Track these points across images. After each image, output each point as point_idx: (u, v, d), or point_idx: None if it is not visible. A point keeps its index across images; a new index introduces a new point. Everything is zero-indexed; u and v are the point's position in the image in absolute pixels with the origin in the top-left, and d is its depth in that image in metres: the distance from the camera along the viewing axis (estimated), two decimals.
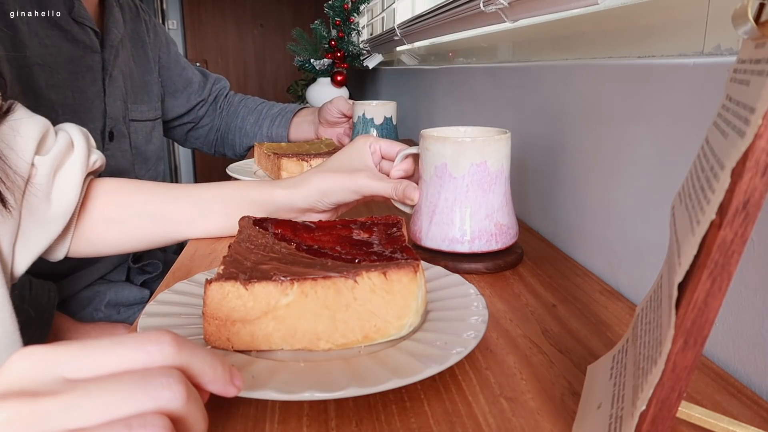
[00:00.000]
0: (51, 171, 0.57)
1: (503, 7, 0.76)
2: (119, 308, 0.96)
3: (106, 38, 0.96)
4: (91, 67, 0.93)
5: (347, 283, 0.38)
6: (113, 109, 0.97)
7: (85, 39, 0.92)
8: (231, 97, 1.35)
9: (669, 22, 0.51)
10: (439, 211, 0.57)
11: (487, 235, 0.56)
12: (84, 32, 0.92)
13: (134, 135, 1.05)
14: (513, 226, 0.59)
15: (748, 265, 0.38)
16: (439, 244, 0.57)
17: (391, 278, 0.38)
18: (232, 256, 0.43)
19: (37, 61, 0.86)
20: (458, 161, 0.55)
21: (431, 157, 0.57)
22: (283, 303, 0.38)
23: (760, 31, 0.22)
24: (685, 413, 0.33)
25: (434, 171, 0.57)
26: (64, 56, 0.89)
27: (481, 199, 0.56)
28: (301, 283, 0.38)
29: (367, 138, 0.66)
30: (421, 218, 0.59)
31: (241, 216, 0.52)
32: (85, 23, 0.91)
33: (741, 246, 0.21)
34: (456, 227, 0.56)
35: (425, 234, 0.58)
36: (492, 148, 0.55)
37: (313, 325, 0.39)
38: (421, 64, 1.62)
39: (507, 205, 0.58)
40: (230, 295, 0.38)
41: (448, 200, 0.56)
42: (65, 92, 0.89)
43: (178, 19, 3.59)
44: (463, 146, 0.55)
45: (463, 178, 0.55)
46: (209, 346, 0.39)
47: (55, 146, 0.58)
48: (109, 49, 0.96)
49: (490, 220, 0.56)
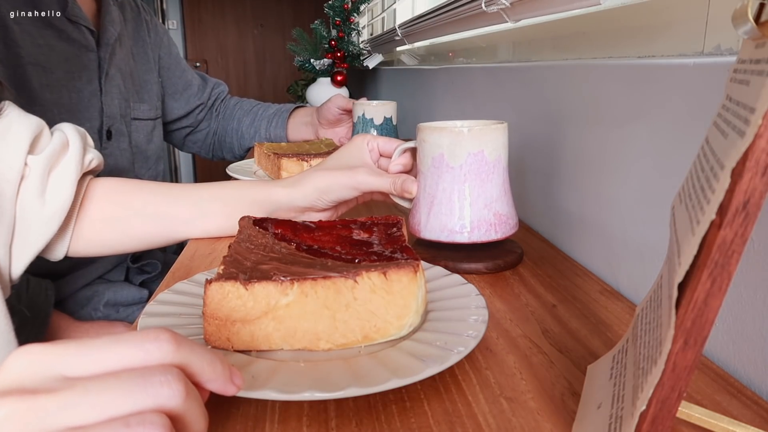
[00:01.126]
0: (45, 171, 0.57)
1: (505, 7, 0.76)
2: (118, 308, 0.96)
3: (102, 37, 0.96)
4: (86, 65, 0.93)
5: (347, 283, 0.38)
6: (111, 108, 0.97)
7: (80, 38, 0.91)
8: (227, 101, 1.35)
9: (669, 22, 0.51)
10: (438, 202, 0.57)
11: (486, 224, 0.56)
12: (79, 31, 0.91)
13: (135, 134, 1.04)
14: (512, 216, 0.59)
15: (748, 265, 0.38)
16: (438, 236, 0.57)
17: (391, 278, 0.38)
18: (232, 256, 0.43)
19: (31, 60, 0.85)
20: (455, 151, 0.55)
21: (428, 149, 0.57)
22: (283, 303, 0.38)
23: (760, 31, 0.22)
24: (685, 413, 0.33)
25: (431, 162, 0.57)
26: (58, 55, 0.89)
27: (480, 188, 0.56)
28: (301, 283, 0.38)
29: (364, 136, 0.66)
30: (420, 210, 0.59)
31: (241, 216, 0.52)
32: (79, 22, 0.91)
33: (741, 246, 0.21)
34: (455, 218, 0.56)
35: (424, 226, 0.58)
36: (489, 137, 0.55)
37: (313, 325, 0.39)
38: (421, 64, 1.62)
39: (506, 195, 0.58)
40: (230, 295, 0.38)
41: (446, 191, 0.56)
42: (60, 92, 0.89)
43: (178, 19, 3.59)
44: (460, 136, 0.55)
45: (460, 167, 0.55)
46: (209, 346, 0.39)
47: (50, 146, 0.58)
48: (105, 47, 0.96)
49: (488, 209, 0.56)
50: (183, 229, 0.66)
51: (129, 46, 1.07)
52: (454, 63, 1.28)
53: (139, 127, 1.05)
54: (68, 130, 0.61)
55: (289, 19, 3.67)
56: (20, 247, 0.56)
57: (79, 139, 0.61)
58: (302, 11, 3.66)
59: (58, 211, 0.58)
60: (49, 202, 0.57)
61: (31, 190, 0.56)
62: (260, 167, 1.03)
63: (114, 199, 0.65)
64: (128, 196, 0.65)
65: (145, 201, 0.65)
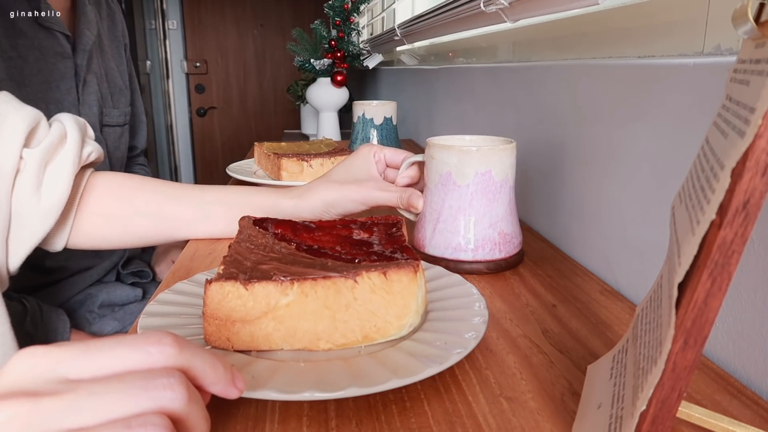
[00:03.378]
0: (41, 164, 0.56)
1: (503, 7, 0.76)
2: (113, 308, 0.95)
3: (79, 42, 0.89)
4: (63, 74, 0.87)
5: (347, 283, 0.38)
6: (88, 116, 0.91)
7: (54, 45, 0.85)
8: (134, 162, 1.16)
9: (669, 22, 0.51)
10: (443, 219, 0.57)
11: (490, 243, 0.56)
12: (53, 38, 0.85)
13: (107, 141, 0.98)
14: (517, 235, 0.59)
15: (748, 265, 0.38)
16: (442, 252, 0.57)
17: (391, 278, 0.38)
18: (232, 256, 0.43)
19: (2, 77, 0.79)
20: (463, 170, 0.55)
21: (436, 165, 0.57)
22: (283, 303, 0.38)
23: (760, 31, 0.22)
24: (685, 413, 0.33)
25: (439, 179, 0.57)
26: (31, 68, 0.82)
27: (485, 207, 0.56)
28: (301, 283, 0.38)
29: (371, 147, 0.66)
30: (425, 226, 0.59)
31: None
32: (53, 28, 0.84)
33: (741, 246, 0.21)
34: (460, 235, 0.56)
35: (429, 241, 0.58)
36: (497, 157, 0.55)
37: (313, 325, 0.39)
38: (421, 64, 1.62)
39: (511, 214, 0.58)
40: (230, 295, 0.38)
41: (452, 208, 0.56)
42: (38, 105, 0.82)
43: (178, 19, 3.59)
44: (468, 155, 0.55)
45: (467, 186, 0.55)
46: (209, 345, 0.39)
47: (47, 139, 0.57)
48: (82, 53, 0.89)
49: (493, 229, 0.56)
50: (185, 230, 0.66)
51: (106, 45, 1.00)
52: (454, 63, 1.28)
53: (109, 133, 0.99)
54: (67, 122, 0.60)
55: (289, 19, 3.67)
56: (17, 241, 0.55)
57: (78, 132, 0.60)
58: (302, 11, 3.65)
59: (55, 206, 0.57)
60: (45, 196, 0.57)
61: (27, 184, 0.55)
62: (260, 167, 1.03)
63: (116, 194, 0.64)
64: (131, 193, 0.65)
65: (148, 199, 0.65)
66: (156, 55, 3.53)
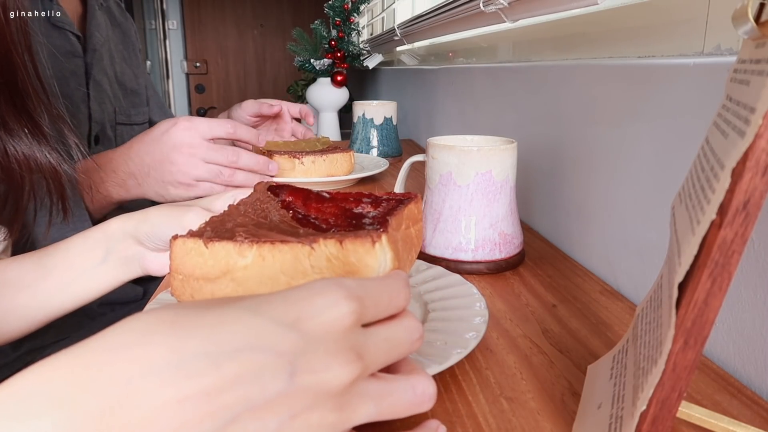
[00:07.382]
0: None
1: (503, 7, 0.76)
2: (113, 306, 0.95)
3: (89, 42, 0.95)
4: (74, 72, 0.92)
5: (303, 249, 0.36)
6: (98, 114, 0.96)
7: (66, 44, 0.91)
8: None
9: (669, 22, 0.51)
10: (444, 219, 0.57)
11: (491, 244, 0.56)
12: (64, 37, 0.90)
13: (119, 139, 1.02)
14: (517, 235, 0.59)
15: (748, 265, 0.38)
16: (443, 252, 0.57)
17: (346, 247, 0.36)
18: (221, 216, 0.42)
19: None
20: (463, 170, 0.55)
21: (437, 166, 0.57)
22: (241, 264, 0.37)
23: (760, 31, 0.22)
24: (685, 413, 0.33)
25: (439, 179, 0.57)
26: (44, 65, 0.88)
27: (486, 208, 0.56)
28: (260, 246, 0.37)
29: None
30: (426, 226, 0.59)
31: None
32: (65, 27, 0.90)
33: (741, 246, 0.21)
34: (460, 236, 0.56)
35: (429, 241, 0.58)
36: (497, 157, 0.55)
37: (271, 290, 0.37)
38: (421, 64, 1.62)
39: (512, 214, 0.58)
40: (192, 252, 0.37)
41: (452, 208, 0.56)
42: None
43: (178, 19, 3.59)
44: (469, 155, 0.55)
45: (468, 186, 0.55)
46: (176, 300, 0.39)
47: None
48: (92, 52, 0.95)
49: (494, 229, 0.56)
50: (25, 298, 0.51)
51: (119, 50, 1.06)
52: (454, 63, 1.28)
53: (124, 132, 1.03)
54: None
55: (289, 19, 3.67)
56: None
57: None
58: (302, 11, 3.66)
59: None
60: None
61: None
62: None
63: None
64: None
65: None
66: (156, 55, 3.53)
